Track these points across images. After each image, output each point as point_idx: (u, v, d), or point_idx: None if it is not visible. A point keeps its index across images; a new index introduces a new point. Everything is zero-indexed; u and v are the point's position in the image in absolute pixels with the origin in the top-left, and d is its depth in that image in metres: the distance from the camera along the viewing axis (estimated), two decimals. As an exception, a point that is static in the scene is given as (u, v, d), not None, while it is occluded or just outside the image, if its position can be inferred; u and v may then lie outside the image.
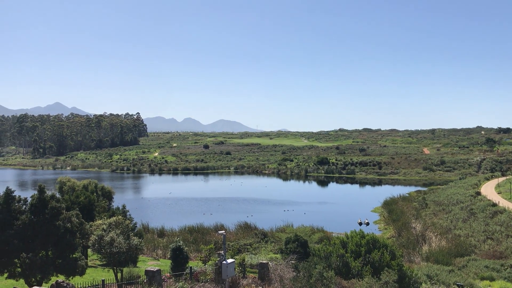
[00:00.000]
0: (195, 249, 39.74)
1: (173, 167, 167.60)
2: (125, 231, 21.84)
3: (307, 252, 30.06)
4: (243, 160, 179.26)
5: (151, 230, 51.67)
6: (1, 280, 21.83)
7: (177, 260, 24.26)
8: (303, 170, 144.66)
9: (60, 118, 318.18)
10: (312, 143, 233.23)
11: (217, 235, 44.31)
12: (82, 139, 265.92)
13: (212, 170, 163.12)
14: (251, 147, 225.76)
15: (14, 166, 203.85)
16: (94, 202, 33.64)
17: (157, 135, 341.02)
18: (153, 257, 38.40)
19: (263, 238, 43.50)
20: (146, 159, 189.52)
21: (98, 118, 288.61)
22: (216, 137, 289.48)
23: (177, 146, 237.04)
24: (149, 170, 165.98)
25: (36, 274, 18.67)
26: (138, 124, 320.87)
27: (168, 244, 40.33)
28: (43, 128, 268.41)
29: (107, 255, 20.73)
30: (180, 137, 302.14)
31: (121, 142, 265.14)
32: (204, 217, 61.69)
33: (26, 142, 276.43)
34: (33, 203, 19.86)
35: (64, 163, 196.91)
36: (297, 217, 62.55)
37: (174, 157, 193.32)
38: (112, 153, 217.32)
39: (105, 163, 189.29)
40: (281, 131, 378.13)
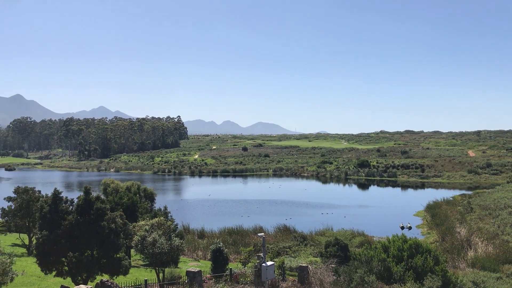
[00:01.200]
0: (234, 250, 39.94)
1: (212, 169, 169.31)
2: (167, 232, 22.25)
3: (347, 256, 29.69)
4: (281, 163, 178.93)
5: (192, 231, 52.30)
6: (50, 278, 22.68)
7: (217, 262, 24.49)
8: (343, 173, 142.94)
9: (104, 121, 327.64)
10: (352, 145, 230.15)
11: (257, 237, 44.41)
12: (125, 142, 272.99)
13: (250, 173, 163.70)
14: (289, 149, 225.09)
15: (61, 168, 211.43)
16: (137, 203, 34.41)
17: (197, 138, 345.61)
18: (193, 258, 38.87)
19: (302, 241, 43.23)
20: (187, 161, 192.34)
21: (140, 121, 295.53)
22: (254, 140, 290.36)
23: (217, 149, 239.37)
24: (189, 172, 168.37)
25: (82, 273, 19.29)
26: (179, 127, 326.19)
27: (208, 245, 40.74)
28: (88, 131, 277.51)
29: (150, 255, 21.18)
30: (219, 140, 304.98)
31: (162, 144, 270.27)
32: (243, 219, 61.98)
33: (72, 144, 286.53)
34: (79, 204, 20.53)
35: (108, 165, 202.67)
36: (337, 220, 61.85)
37: (214, 160, 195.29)
38: (154, 156, 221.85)
39: (147, 165, 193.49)
40: (320, 133, 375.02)
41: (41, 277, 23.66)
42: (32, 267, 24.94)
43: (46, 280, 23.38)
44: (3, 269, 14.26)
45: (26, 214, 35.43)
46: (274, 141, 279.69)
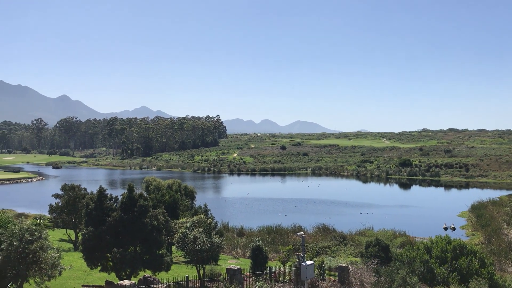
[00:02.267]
0: (273, 249, 40.01)
1: (251, 168, 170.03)
2: (207, 229, 22.56)
3: (388, 256, 29.19)
4: (320, 162, 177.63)
5: (231, 229, 52.72)
6: (95, 273, 23.45)
7: (257, 260, 24.60)
8: (383, 172, 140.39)
9: (146, 121, 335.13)
10: (393, 144, 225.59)
11: (295, 237, 44.28)
12: (166, 141, 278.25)
13: (289, 171, 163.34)
14: (328, 148, 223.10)
15: (105, 166, 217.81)
16: (178, 201, 35.06)
17: (235, 137, 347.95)
18: (233, 256, 39.21)
19: (342, 241, 42.77)
20: (226, 160, 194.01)
21: (181, 120, 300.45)
22: (293, 138, 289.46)
23: (255, 147, 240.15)
24: (228, 170, 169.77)
25: (126, 268, 19.83)
26: (218, 126, 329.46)
27: (247, 243, 40.96)
28: (130, 131, 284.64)
29: (191, 252, 21.53)
30: (257, 139, 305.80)
31: (202, 143, 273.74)
32: (282, 218, 61.97)
33: (116, 143, 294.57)
34: (123, 201, 21.12)
35: (150, 164, 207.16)
36: (378, 220, 60.84)
37: (252, 158, 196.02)
38: (194, 154, 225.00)
39: (187, 163, 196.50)
40: (360, 132, 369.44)
41: (87, 272, 24.50)
42: (79, 262, 25.85)
43: (91, 274, 24.19)
44: (52, 263, 14.86)
45: (72, 210, 36.73)
46: (313, 139, 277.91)
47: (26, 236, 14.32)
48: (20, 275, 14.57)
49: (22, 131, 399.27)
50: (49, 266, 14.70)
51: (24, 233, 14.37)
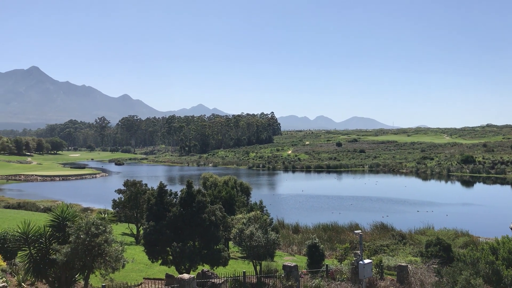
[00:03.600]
0: (329, 247, 39.63)
1: (306, 165, 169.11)
2: (263, 225, 22.70)
3: (450, 256, 28.11)
4: (378, 158, 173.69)
5: (286, 226, 52.74)
6: (156, 266, 24.25)
7: (313, 257, 24.49)
8: (445, 169, 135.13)
9: (203, 118, 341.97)
10: (455, 140, 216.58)
11: (352, 235, 43.63)
12: (222, 138, 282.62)
13: (345, 169, 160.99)
14: (386, 144, 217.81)
15: (164, 163, 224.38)
16: (234, 197, 35.49)
17: (290, 134, 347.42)
18: (288, 253, 39.23)
19: (401, 240, 41.63)
20: (280, 157, 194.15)
21: (236, 118, 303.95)
22: (349, 135, 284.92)
23: (310, 144, 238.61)
24: (283, 167, 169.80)
25: (185, 262, 20.38)
26: (273, 123, 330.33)
27: (303, 240, 40.83)
28: (188, 128, 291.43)
29: (247, 248, 21.76)
30: (312, 135, 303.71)
31: (257, 140, 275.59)
32: (337, 216, 61.24)
33: (174, 141, 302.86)
34: (182, 197, 21.70)
35: (207, 160, 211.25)
36: (438, 219, 58.68)
37: (307, 155, 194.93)
38: (249, 151, 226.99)
39: (242, 160, 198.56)
40: (420, 128, 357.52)
41: (148, 265, 25.38)
42: (140, 255, 26.83)
43: (152, 268, 25.04)
44: (116, 256, 15.48)
45: (134, 205, 38.16)
46: (370, 136, 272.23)
47: (92, 230, 15.00)
48: (86, 266, 15.32)
49: (87, 129, 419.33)
50: (113, 259, 15.33)
51: (90, 226, 15.07)
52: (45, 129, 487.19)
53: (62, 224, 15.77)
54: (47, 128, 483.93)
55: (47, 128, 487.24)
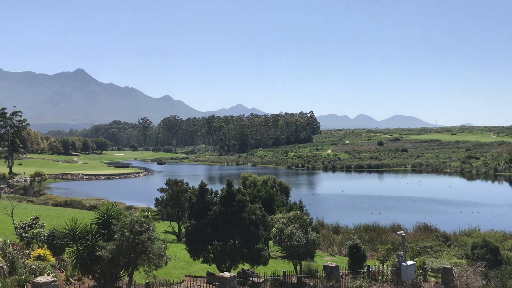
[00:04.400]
0: (371, 248, 39.02)
1: (346, 164, 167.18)
2: (303, 225, 22.59)
3: (498, 260, 27.12)
4: (421, 158, 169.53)
5: (326, 226, 52.32)
6: (197, 264, 24.60)
7: (354, 258, 24.18)
8: (491, 169, 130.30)
9: (242, 118, 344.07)
10: (502, 139, 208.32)
11: (394, 235, 42.81)
12: (261, 137, 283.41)
13: (386, 168, 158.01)
14: (430, 143, 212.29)
15: (204, 162, 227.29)
16: (274, 197, 35.50)
17: (329, 133, 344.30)
18: (328, 253, 38.91)
19: (445, 241, 40.49)
20: (320, 156, 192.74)
21: (274, 117, 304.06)
22: (390, 134, 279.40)
23: (350, 143, 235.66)
24: (322, 167, 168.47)
25: (226, 260, 20.57)
26: (312, 122, 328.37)
27: (343, 241, 40.38)
28: (227, 128, 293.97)
29: (287, 247, 21.72)
30: (352, 134, 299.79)
31: (295, 139, 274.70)
32: (379, 216, 60.20)
33: (214, 140, 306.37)
34: (222, 196, 21.91)
35: (246, 160, 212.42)
36: (485, 220, 56.68)
37: (347, 154, 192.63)
38: (288, 150, 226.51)
39: (281, 159, 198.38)
40: (465, 126, 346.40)
41: (190, 263, 25.78)
42: (182, 253, 27.28)
43: (194, 265, 25.41)
44: (159, 253, 15.78)
45: (176, 204, 38.82)
46: (412, 135, 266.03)
47: (136, 227, 15.34)
48: (131, 263, 15.71)
49: (130, 130, 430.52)
50: (156, 256, 15.64)
51: (134, 224, 15.42)
52: (91, 129, 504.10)
53: (107, 222, 16.24)
54: (92, 128, 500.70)
55: (92, 128, 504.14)
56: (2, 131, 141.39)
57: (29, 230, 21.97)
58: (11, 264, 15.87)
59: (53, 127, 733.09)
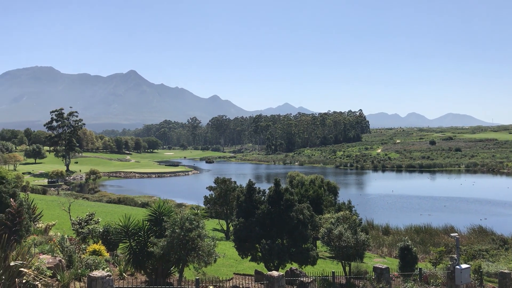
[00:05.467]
0: (422, 250, 37.97)
1: (396, 164, 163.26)
2: (352, 226, 22.27)
3: (562, 266, 25.60)
4: (475, 158, 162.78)
5: (376, 227, 51.37)
6: (245, 262, 24.79)
7: (405, 260, 23.56)
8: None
9: (289, 117, 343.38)
10: None
11: (447, 238, 41.44)
12: (308, 137, 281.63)
13: (439, 168, 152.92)
14: (485, 142, 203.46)
15: (251, 161, 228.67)
16: (322, 196, 35.25)
17: (379, 132, 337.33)
18: (378, 254, 38.19)
19: (502, 245, 38.72)
20: (369, 156, 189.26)
21: (322, 116, 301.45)
22: (443, 132, 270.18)
23: (401, 143, 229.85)
24: (372, 166, 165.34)
25: (274, 259, 20.60)
26: (361, 121, 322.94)
27: (394, 242, 39.52)
28: (274, 127, 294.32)
29: (336, 248, 21.49)
30: (403, 133, 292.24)
31: (344, 139, 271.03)
32: (431, 217, 58.43)
33: (261, 139, 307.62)
34: (270, 195, 21.94)
35: (293, 159, 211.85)
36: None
37: (398, 154, 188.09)
38: (336, 150, 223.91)
39: (329, 159, 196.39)
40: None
41: (238, 261, 26.02)
42: (230, 251, 27.59)
43: (242, 263, 25.63)
44: (208, 251, 15.99)
45: (224, 202, 39.37)
46: (466, 133, 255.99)
47: (186, 225, 15.62)
48: (181, 260, 16.03)
49: (180, 129, 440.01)
50: (206, 253, 15.87)
51: (185, 221, 15.71)
52: (142, 129, 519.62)
53: (158, 219, 16.65)
54: (144, 128, 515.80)
55: (144, 128, 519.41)
56: (59, 130, 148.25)
57: (85, 225, 22.86)
58: (69, 258, 16.56)
59: (107, 126, 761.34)
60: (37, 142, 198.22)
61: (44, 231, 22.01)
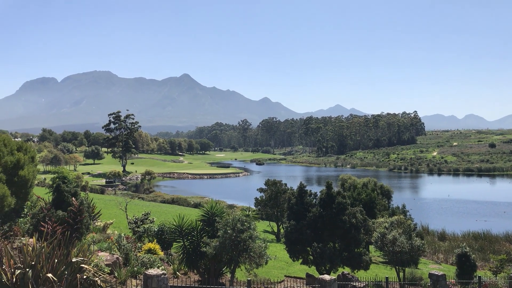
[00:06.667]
0: (481, 257, 36.31)
1: (453, 168, 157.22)
2: (407, 231, 21.69)
3: None
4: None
5: (431, 232, 49.75)
6: (296, 265, 24.70)
7: (463, 267, 22.64)
8: None
9: (340, 119, 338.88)
10: None
11: (509, 245, 39.47)
12: (361, 139, 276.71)
13: (499, 172, 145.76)
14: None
15: (302, 163, 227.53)
16: (375, 200, 34.52)
17: (435, 134, 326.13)
18: (434, 261, 36.92)
19: None
20: (424, 159, 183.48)
21: (375, 118, 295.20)
22: (504, 135, 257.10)
23: (458, 145, 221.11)
24: (427, 170, 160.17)
25: (326, 263, 20.38)
26: (416, 123, 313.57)
27: (450, 248, 38.15)
28: (325, 129, 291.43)
29: (389, 253, 21.00)
30: (461, 135, 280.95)
31: (398, 141, 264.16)
32: (490, 224, 55.75)
33: (311, 142, 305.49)
34: (322, 198, 21.73)
35: (344, 162, 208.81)
36: None
37: (455, 157, 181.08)
38: (389, 152, 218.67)
39: (382, 162, 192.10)
40: None
41: (289, 263, 25.97)
42: (281, 253, 27.58)
43: (293, 266, 25.55)
44: (260, 252, 16.08)
45: (274, 204, 39.37)
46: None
47: (238, 226, 15.80)
48: (233, 260, 16.22)
49: (231, 131, 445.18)
50: (257, 255, 15.97)
51: (236, 222, 15.90)
52: (195, 131, 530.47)
53: (211, 219, 16.94)
54: (196, 130, 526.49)
55: (196, 130, 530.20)
56: (117, 132, 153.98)
57: (140, 225, 23.61)
58: (125, 256, 17.17)
59: (161, 129, 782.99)
60: (96, 143, 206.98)
61: (102, 229, 22.91)
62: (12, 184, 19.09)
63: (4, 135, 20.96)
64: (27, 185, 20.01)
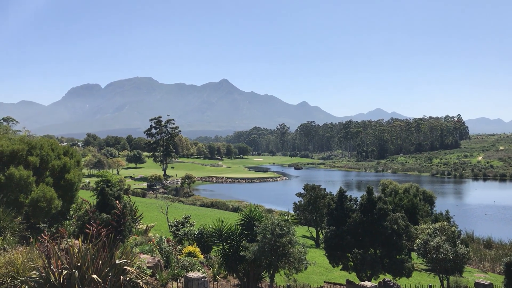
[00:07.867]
0: (532, 267, 34.69)
1: (499, 173, 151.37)
2: (451, 238, 21.03)
3: None
4: None
5: (476, 239, 48.03)
6: (336, 271, 24.40)
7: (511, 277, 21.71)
8: None
9: (381, 123, 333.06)
10: None
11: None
12: (402, 143, 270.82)
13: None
14: None
15: (341, 168, 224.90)
16: (417, 206, 33.69)
17: (480, 138, 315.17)
18: (479, 269, 35.63)
19: None
20: (469, 164, 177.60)
21: (417, 121, 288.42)
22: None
23: (505, 150, 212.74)
24: (471, 175, 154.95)
25: (366, 270, 20.02)
26: (459, 127, 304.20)
27: (497, 257, 36.75)
28: (365, 133, 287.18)
29: (432, 260, 20.42)
30: (508, 140, 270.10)
31: (441, 145, 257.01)
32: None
33: (351, 146, 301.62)
34: (362, 203, 21.38)
35: (385, 166, 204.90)
36: None
37: (501, 162, 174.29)
38: (432, 157, 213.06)
39: (424, 166, 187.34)
40: None
41: (329, 269, 25.68)
42: (320, 259, 27.32)
43: (333, 272, 25.26)
44: (299, 258, 15.98)
45: (313, 209, 39.05)
46: None
47: (277, 230, 15.76)
48: (272, 265, 16.19)
49: (269, 136, 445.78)
50: (297, 260, 15.87)
51: (276, 227, 15.86)
52: (233, 135, 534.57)
53: (250, 224, 16.97)
54: (235, 134, 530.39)
55: (234, 134, 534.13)
56: (158, 137, 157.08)
57: (181, 228, 23.94)
58: (166, 259, 17.45)
59: (200, 133, 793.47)
60: (138, 148, 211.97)
61: (144, 232, 23.39)
62: (59, 187, 19.78)
63: (51, 140, 21.78)
64: (73, 188, 20.67)
